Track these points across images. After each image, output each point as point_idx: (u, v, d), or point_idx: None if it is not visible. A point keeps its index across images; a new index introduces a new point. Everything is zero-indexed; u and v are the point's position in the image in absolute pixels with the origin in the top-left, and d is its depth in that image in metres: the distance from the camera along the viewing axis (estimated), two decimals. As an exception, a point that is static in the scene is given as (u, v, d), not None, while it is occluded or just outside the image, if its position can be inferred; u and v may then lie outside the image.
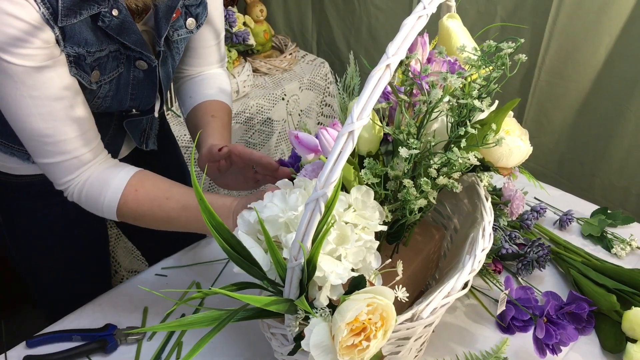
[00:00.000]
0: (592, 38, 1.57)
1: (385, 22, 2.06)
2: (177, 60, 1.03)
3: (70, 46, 0.81)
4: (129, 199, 0.88)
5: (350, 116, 0.57)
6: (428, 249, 0.90)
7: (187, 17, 0.98)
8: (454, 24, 0.85)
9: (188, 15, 0.98)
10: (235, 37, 1.79)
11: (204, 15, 1.01)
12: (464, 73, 0.72)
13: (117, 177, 0.89)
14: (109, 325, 0.97)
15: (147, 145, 1.15)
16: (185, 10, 0.97)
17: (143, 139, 1.14)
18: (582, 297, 0.97)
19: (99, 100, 0.92)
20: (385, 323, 0.63)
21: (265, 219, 0.69)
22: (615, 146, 1.65)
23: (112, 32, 0.85)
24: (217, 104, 1.09)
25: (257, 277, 0.68)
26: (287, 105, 1.99)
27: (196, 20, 1.00)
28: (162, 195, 0.89)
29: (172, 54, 1.01)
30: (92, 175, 0.89)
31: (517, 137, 0.84)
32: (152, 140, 1.17)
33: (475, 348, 0.95)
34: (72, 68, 0.83)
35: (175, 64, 1.03)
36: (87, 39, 0.83)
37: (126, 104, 0.98)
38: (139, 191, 0.89)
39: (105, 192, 0.88)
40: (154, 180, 0.92)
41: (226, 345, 0.95)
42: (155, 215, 0.89)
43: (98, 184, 0.89)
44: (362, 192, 0.71)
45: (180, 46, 1.01)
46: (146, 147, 1.15)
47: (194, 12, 0.99)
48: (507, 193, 1.09)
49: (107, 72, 0.89)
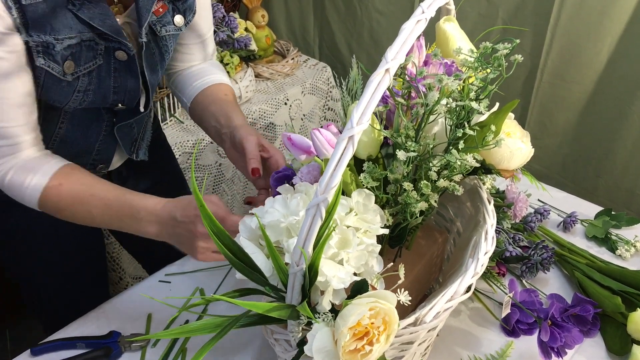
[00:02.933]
0: (594, 39, 1.56)
1: (387, 26, 2.06)
2: (166, 59, 1.02)
3: (35, 34, 0.79)
4: (52, 192, 0.87)
5: (350, 121, 0.58)
6: (431, 253, 0.90)
7: (175, 13, 0.98)
8: (451, 26, 0.85)
9: (176, 11, 0.98)
10: (237, 42, 1.79)
11: (192, 13, 1.01)
12: (460, 75, 0.72)
13: (44, 166, 0.88)
14: (112, 332, 0.97)
15: (138, 155, 1.13)
16: (173, 6, 0.97)
17: (134, 148, 1.12)
18: (586, 300, 0.97)
19: (80, 94, 0.90)
20: (388, 327, 0.63)
21: (266, 224, 0.69)
22: (619, 147, 1.64)
23: (84, 15, 0.82)
24: (224, 86, 1.10)
25: (259, 283, 0.68)
26: (290, 110, 1.99)
27: (184, 16, 0.99)
28: (85, 192, 0.88)
29: (161, 51, 0.99)
30: (20, 161, 0.87)
31: (519, 139, 0.83)
32: (143, 150, 1.15)
33: (480, 352, 0.94)
34: (40, 58, 0.81)
35: (164, 62, 1.02)
36: (52, 24, 0.80)
37: (110, 98, 0.95)
38: (63, 185, 0.87)
39: (29, 180, 0.87)
40: (80, 175, 0.90)
41: (230, 351, 0.95)
42: (77, 211, 0.88)
43: (24, 170, 0.87)
44: (363, 196, 0.71)
45: (169, 44, 1.00)
46: (136, 157, 1.13)
47: (181, 9, 0.99)
48: (511, 195, 1.09)
49: (83, 63, 0.87)
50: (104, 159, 1.07)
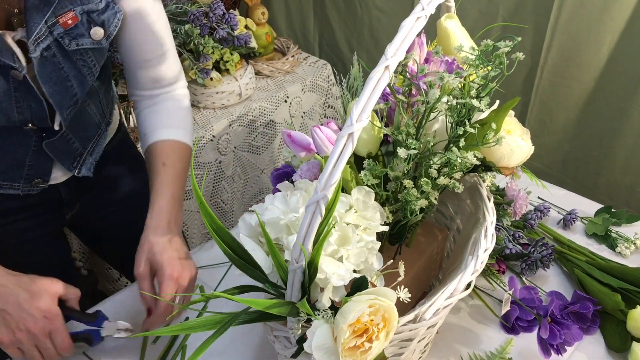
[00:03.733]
0: (594, 37, 1.56)
1: (387, 23, 2.06)
2: (87, 75, 0.94)
3: None
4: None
5: (350, 118, 0.58)
6: (431, 250, 0.90)
7: (92, 25, 0.90)
8: (452, 24, 0.85)
9: (92, 23, 0.90)
10: (237, 40, 1.79)
11: (114, 24, 0.93)
12: (461, 73, 0.72)
13: None
14: (98, 312, 0.93)
15: (80, 171, 1.06)
16: (87, 18, 0.89)
17: (77, 163, 1.06)
18: (586, 297, 0.97)
19: None
20: (388, 324, 0.63)
21: (266, 221, 0.69)
22: (619, 145, 1.64)
23: None
24: (170, 145, 1.03)
25: (259, 280, 0.68)
26: (290, 108, 1.99)
27: (103, 28, 0.91)
28: None
29: (77, 66, 0.91)
30: None
31: (519, 137, 0.83)
32: (87, 166, 1.08)
33: (479, 349, 0.95)
34: None
35: (84, 79, 0.94)
36: None
37: (14, 117, 0.89)
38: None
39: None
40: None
41: (230, 348, 0.95)
42: None
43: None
44: (363, 193, 0.71)
45: (86, 58, 0.92)
46: (78, 172, 1.06)
47: (99, 20, 0.90)
48: (511, 193, 1.09)
49: None
50: (40, 174, 1.02)
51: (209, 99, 1.82)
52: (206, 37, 1.72)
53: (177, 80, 1.08)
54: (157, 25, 1.00)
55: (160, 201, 0.98)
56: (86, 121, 1.05)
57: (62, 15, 0.86)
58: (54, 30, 0.86)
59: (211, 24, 1.73)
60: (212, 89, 1.80)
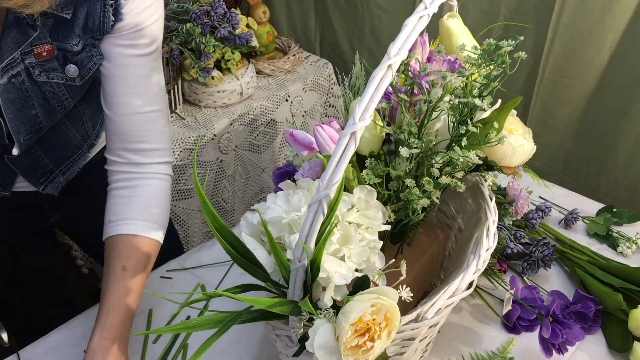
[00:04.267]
0: (596, 36, 1.56)
1: (388, 22, 2.06)
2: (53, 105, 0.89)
3: None
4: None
5: (352, 117, 0.57)
6: (432, 249, 0.90)
7: (67, 62, 0.85)
8: (455, 23, 0.85)
9: (67, 60, 0.85)
10: (239, 39, 1.79)
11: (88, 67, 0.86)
12: (464, 72, 0.72)
13: None
14: None
15: (45, 189, 1.02)
16: (63, 54, 0.85)
17: (45, 179, 1.01)
18: (588, 296, 0.97)
19: None
20: (390, 323, 0.63)
21: (268, 220, 0.69)
22: (621, 144, 1.64)
23: None
24: (136, 243, 0.89)
25: (261, 279, 0.68)
26: (291, 107, 1.99)
27: (80, 69, 0.86)
28: None
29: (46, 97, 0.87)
30: None
31: (521, 136, 0.83)
32: (55, 185, 1.02)
33: (481, 348, 0.95)
34: None
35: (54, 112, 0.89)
36: None
37: None
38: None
39: None
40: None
41: (231, 347, 0.95)
42: None
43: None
44: (365, 192, 0.71)
45: (57, 91, 0.87)
46: (43, 189, 1.02)
47: (73, 59, 0.85)
48: (512, 192, 1.09)
49: None
50: (1, 183, 0.99)
51: (210, 98, 1.82)
52: (207, 36, 1.72)
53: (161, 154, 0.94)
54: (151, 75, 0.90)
55: (112, 319, 0.86)
56: (62, 142, 1.01)
57: (38, 46, 0.82)
58: (26, 59, 0.83)
59: (212, 22, 1.73)
60: (213, 87, 1.80)
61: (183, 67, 1.79)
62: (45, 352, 0.95)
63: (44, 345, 0.96)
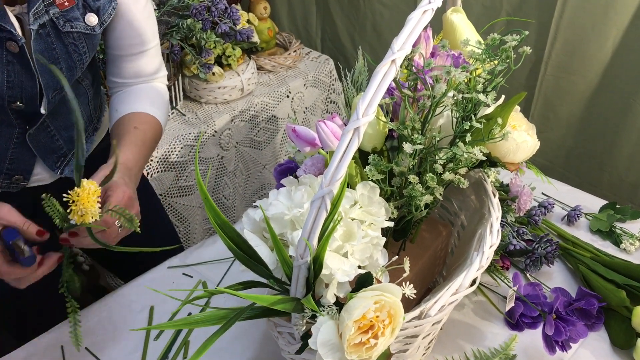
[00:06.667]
0: (598, 31, 1.55)
1: (389, 18, 2.05)
2: (77, 61, 0.95)
3: None
4: None
5: (356, 112, 0.57)
6: (435, 246, 0.89)
7: (87, 11, 0.92)
8: (458, 17, 0.84)
9: (87, 9, 0.92)
10: (240, 34, 1.78)
11: (109, 12, 0.95)
12: (468, 67, 0.72)
13: None
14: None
15: (63, 171, 1.05)
16: (83, 2, 0.91)
17: (61, 163, 1.05)
18: (591, 293, 0.96)
19: None
20: (393, 320, 0.62)
21: (270, 216, 0.69)
22: (623, 140, 1.63)
23: None
24: (144, 116, 1.02)
25: (263, 275, 0.67)
26: (292, 103, 1.98)
27: (98, 15, 0.93)
28: None
29: (67, 50, 0.93)
30: None
31: (524, 132, 0.83)
32: (71, 167, 1.05)
33: (483, 345, 0.94)
34: None
35: (74, 64, 0.95)
36: None
37: (4, 93, 0.89)
38: None
39: None
40: None
41: (232, 345, 0.95)
42: None
43: None
44: (368, 189, 0.70)
45: (78, 43, 0.94)
46: (61, 173, 1.05)
47: (94, 6, 0.93)
48: (515, 189, 1.09)
49: None
50: (20, 169, 1.01)
51: (211, 94, 1.81)
52: (208, 32, 1.71)
53: (157, 75, 1.09)
54: (147, 21, 1.03)
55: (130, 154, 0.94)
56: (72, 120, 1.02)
57: None
58: (50, 10, 0.88)
59: (213, 18, 1.72)
60: (214, 84, 1.80)
61: (184, 63, 1.78)
62: (46, 347, 0.95)
63: (45, 342, 0.96)
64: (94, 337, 0.97)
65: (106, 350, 0.95)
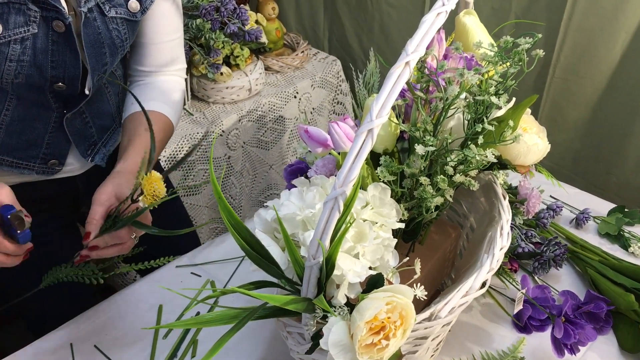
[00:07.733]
0: (607, 35, 1.55)
1: (397, 19, 2.05)
2: (119, 46, 0.98)
3: None
4: None
5: (370, 114, 0.57)
6: (444, 248, 0.89)
7: None
8: (471, 20, 0.84)
9: None
10: (248, 35, 1.79)
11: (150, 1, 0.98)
12: (480, 69, 0.72)
13: None
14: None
15: (94, 159, 1.08)
16: None
17: (91, 151, 1.07)
18: (599, 297, 0.96)
19: (13, 64, 0.86)
20: (405, 322, 0.62)
21: (282, 217, 0.69)
22: (631, 144, 1.63)
23: None
24: (155, 116, 1.03)
25: (275, 275, 0.68)
26: (299, 103, 1.98)
27: (139, 2, 0.96)
28: None
29: (111, 35, 0.95)
30: None
31: (535, 135, 0.83)
32: (101, 155, 1.09)
33: (491, 347, 0.94)
34: None
35: (115, 50, 0.97)
36: None
37: (47, 73, 0.90)
38: None
39: None
40: None
41: (239, 345, 0.95)
42: None
43: None
44: (379, 190, 0.70)
45: (121, 29, 0.96)
46: (92, 160, 1.08)
47: None
48: (524, 191, 1.08)
49: (12, 28, 0.83)
50: (56, 154, 1.03)
51: (219, 94, 1.82)
52: (217, 32, 1.71)
53: (178, 67, 1.12)
54: (178, 10, 1.06)
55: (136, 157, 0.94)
56: (104, 109, 1.08)
57: None
58: None
59: (222, 18, 1.72)
60: (222, 83, 1.80)
61: (192, 63, 1.78)
62: (55, 347, 0.95)
63: (53, 341, 0.96)
64: (103, 336, 0.97)
65: (115, 349, 0.95)
